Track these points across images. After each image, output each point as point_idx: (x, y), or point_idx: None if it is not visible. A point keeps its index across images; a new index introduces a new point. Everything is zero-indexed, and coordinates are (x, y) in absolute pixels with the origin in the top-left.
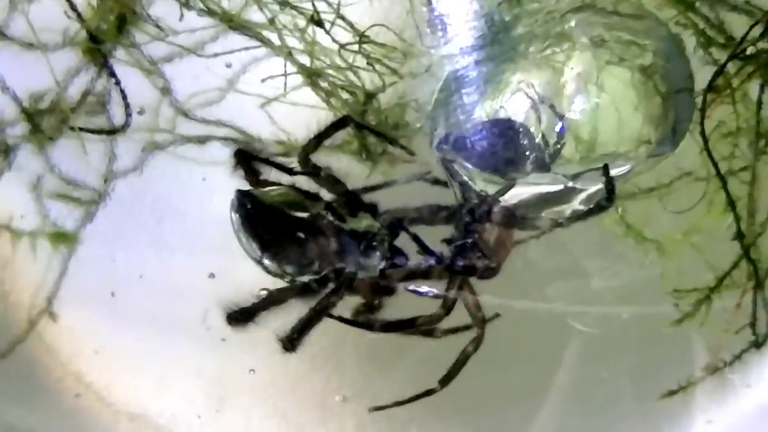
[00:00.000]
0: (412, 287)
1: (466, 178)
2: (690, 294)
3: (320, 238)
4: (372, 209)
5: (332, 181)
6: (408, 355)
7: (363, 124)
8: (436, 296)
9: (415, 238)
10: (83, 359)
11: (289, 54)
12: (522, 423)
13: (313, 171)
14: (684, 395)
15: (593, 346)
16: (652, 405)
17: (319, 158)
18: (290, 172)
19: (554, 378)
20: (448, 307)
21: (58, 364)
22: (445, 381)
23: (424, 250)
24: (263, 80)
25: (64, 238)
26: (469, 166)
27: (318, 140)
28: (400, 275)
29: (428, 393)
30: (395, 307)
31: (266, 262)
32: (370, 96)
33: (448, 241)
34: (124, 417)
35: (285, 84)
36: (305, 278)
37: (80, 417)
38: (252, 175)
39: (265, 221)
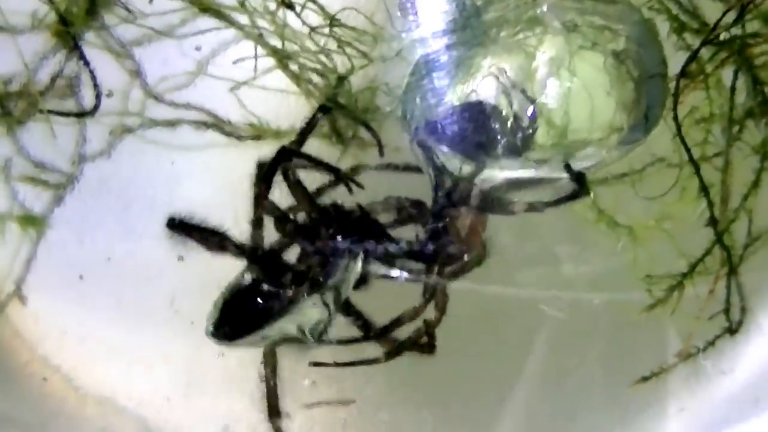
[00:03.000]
0: (383, 272)
1: (441, 162)
2: (662, 280)
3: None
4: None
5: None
6: None
7: (330, 107)
8: (407, 280)
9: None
10: (50, 343)
11: (259, 37)
12: (492, 410)
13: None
14: (656, 382)
15: (564, 332)
16: (623, 392)
17: None
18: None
19: (524, 365)
20: (429, 296)
21: (25, 347)
22: (390, 355)
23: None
24: (234, 62)
25: (32, 222)
26: (441, 149)
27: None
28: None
29: (373, 361)
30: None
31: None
32: (341, 79)
33: (424, 224)
34: (92, 400)
35: (255, 67)
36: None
37: (47, 401)
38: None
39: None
